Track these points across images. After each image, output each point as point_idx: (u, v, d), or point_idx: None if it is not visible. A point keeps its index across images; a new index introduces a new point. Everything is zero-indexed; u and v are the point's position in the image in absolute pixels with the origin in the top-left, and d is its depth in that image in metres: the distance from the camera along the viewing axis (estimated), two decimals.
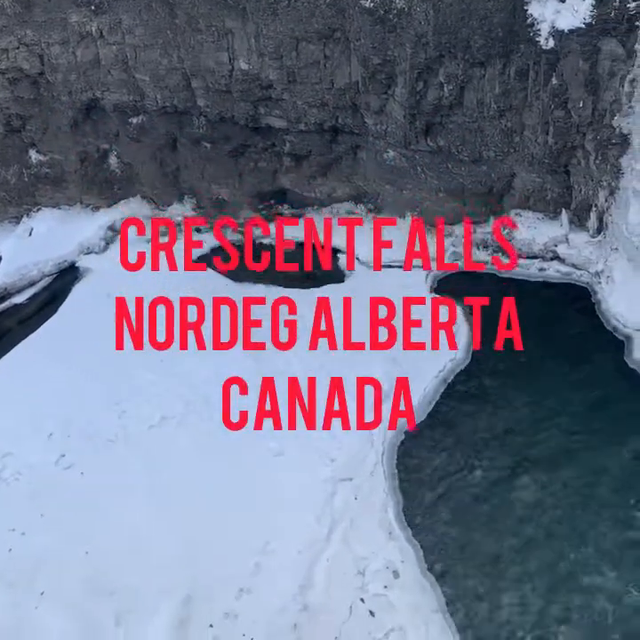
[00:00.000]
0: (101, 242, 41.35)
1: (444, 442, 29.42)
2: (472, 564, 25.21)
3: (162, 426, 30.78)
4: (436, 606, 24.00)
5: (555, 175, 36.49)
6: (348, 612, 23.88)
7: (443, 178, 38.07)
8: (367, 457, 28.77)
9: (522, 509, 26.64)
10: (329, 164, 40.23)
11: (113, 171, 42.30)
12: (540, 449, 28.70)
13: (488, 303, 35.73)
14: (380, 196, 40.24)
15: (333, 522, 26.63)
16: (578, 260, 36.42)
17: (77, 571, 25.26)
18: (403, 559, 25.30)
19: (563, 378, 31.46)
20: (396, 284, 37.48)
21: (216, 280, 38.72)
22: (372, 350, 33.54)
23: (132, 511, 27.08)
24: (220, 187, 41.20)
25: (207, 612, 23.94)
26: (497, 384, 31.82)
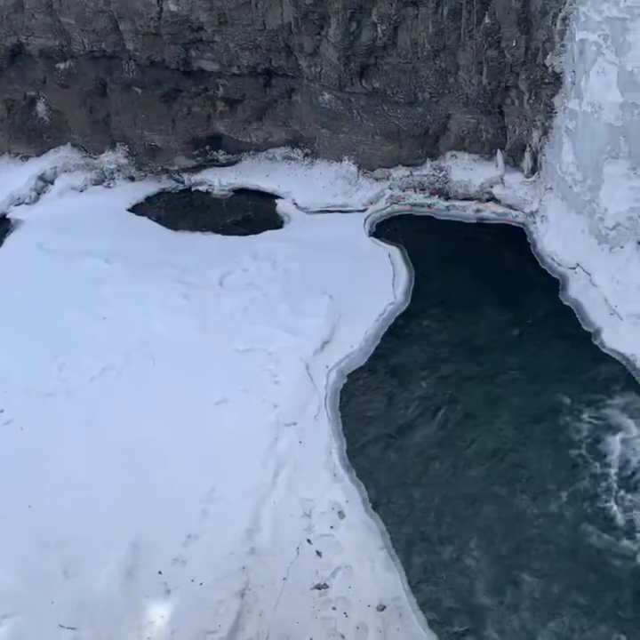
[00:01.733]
0: (32, 192, 40.35)
1: (387, 384, 29.78)
2: (416, 501, 25.70)
3: (102, 377, 30.44)
4: (381, 544, 24.45)
5: (489, 116, 36.63)
6: (295, 553, 24.20)
7: (378, 120, 37.92)
8: (310, 401, 28.96)
9: (464, 446, 27.16)
10: (264, 109, 39.71)
11: (41, 118, 41.14)
12: (476, 384, 29.27)
13: (425, 246, 36.20)
14: (317, 140, 39.96)
15: (278, 466, 26.82)
16: (513, 200, 36.79)
17: (22, 525, 25.07)
18: (347, 500, 25.65)
19: (499, 315, 31.99)
20: (335, 229, 37.56)
21: (152, 228, 38.24)
22: (311, 294, 33.61)
23: (74, 463, 26.90)
24: (152, 133, 40.41)
25: (155, 559, 24.01)
26: (436, 325, 32.23)
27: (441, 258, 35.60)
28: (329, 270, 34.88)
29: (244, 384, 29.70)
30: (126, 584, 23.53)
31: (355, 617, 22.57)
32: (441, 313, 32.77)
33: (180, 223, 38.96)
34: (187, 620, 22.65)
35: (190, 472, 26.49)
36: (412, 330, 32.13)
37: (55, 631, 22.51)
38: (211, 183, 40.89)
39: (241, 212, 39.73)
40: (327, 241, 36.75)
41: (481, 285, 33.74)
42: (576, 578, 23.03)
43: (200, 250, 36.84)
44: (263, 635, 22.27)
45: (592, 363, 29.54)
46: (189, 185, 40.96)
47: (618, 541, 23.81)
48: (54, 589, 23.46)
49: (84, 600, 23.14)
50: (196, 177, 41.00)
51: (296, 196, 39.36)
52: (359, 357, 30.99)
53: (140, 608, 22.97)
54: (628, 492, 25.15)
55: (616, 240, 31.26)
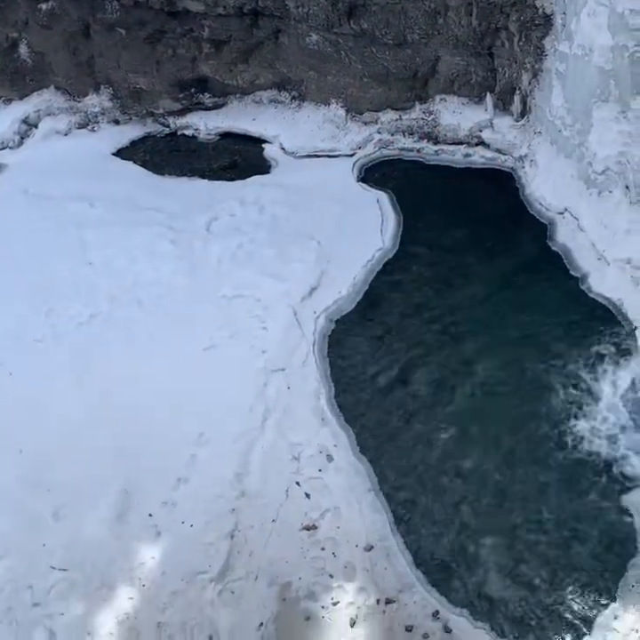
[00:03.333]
0: (16, 136, 39.75)
1: (375, 329, 29.84)
2: (403, 444, 26.03)
3: (90, 323, 30.41)
4: (369, 486, 24.83)
5: (479, 58, 36.12)
6: (284, 495, 24.54)
7: (367, 62, 37.32)
8: (298, 347, 29.06)
9: (450, 389, 27.42)
10: (250, 50, 38.94)
11: (24, 60, 40.30)
12: (464, 328, 29.44)
13: (414, 190, 35.99)
14: (304, 83, 39.34)
15: (267, 411, 27.04)
16: (502, 144, 36.50)
17: (12, 469, 25.31)
18: (336, 443, 25.94)
19: (487, 260, 31.94)
20: (323, 174, 37.23)
21: (137, 173, 37.82)
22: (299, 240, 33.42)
23: (63, 408, 27.06)
24: (137, 75, 39.64)
25: (145, 502, 24.32)
26: (424, 271, 32.17)
27: (429, 203, 35.40)
28: (317, 216, 34.70)
29: (232, 330, 29.74)
30: (117, 527, 23.87)
31: (343, 557, 23.03)
32: (429, 258, 32.70)
33: (165, 168, 38.53)
34: (177, 561, 23.05)
35: (179, 417, 26.68)
36: (400, 275, 32.10)
37: (46, 572, 22.92)
38: (197, 127, 40.33)
39: (228, 157, 39.25)
40: (315, 186, 36.46)
41: (469, 230, 33.62)
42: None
43: (186, 195, 36.51)
44: (253, 574, 22.70)
45: (578, 307, 29.65)
46: (175, 129, 40.39)
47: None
48: (45, 532, 23.79)
49: (74, 542, 23.50)
50: (182, 121, 40.42)
51: (283, 141, 38.91)
52: (347, 303, 31.00)
53: (130, 550, 23.36)
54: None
55: (604, 185, 31.11)
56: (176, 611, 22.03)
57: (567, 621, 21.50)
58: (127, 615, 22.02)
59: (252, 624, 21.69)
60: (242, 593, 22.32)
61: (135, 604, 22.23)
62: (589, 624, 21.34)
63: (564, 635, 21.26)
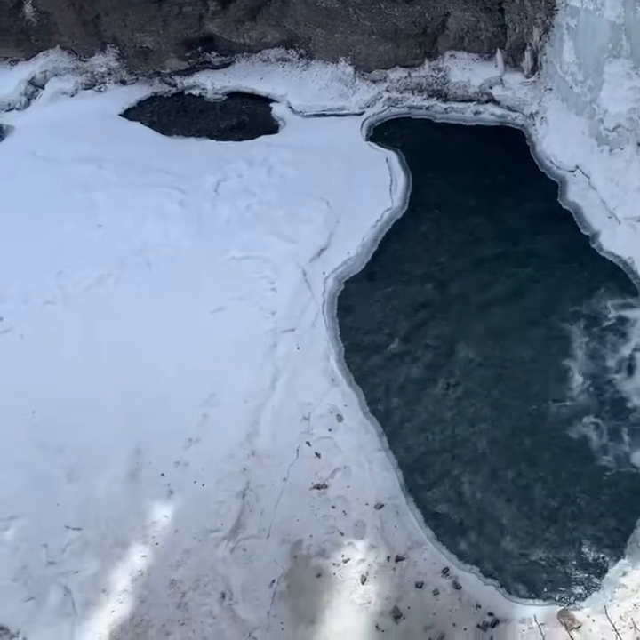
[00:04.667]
0: (22, 97, 39.47)
1: (384, 290, 29.79)
2: (412, 403, 26.13)
3: (99, 285, 30.43)
4: (379, 445, 24.97)
5: (489, 13, 35.54)
6: (294, 454, 24.70)
7: (375, 19, 36.76)
8: (308, 308, 29.07)
9: (462, 348, 27.47)
10: (257, 7, 38.40)
11: (29, 20, 39.79)
12: (474, 288, 29.41)
13: (423, 149, 35.68)
14: (312, 41, 38.85)
15: (277, 371, 27.12)
16: (512, 101, 36.09)
17: (25, 431, 25.55)
18: (346, 403, 26.06)
19: (497, 219, 31.79)
20: (332, 134, 36.91)
21: (144, 134, 37.59)
22: (307, 200, 33.24)
23: (74, 369, 27.21)
24: (143, 34, 39.19)
25: (157, 462, 24.57)
26: (434, 230, 32.03)
27: (439, 161, 35.11)
28: (325, 176, 34.46)
29: (240, 291, 29.74)
30: (130, 486, 24.13)
31: (353, 515, 23.24)
32: (439, 218, 32.54)
33: (173, 128, 38.29)
34: (190, 519, 23.32)
35: (189, 378, 26.82)
36: (409, 235, 31.95)
37: (61, 531, 23.21)
38: (204, 86, 40.00)
39: (235, 117, 38.97)
40: (323, 146, 36.18)
41: (479, 189, 33.40)
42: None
43: (195, 155, 36.29)
44: (264, 532, 22.96)
45: (589, 265, 29.54)
46: (182, 89, 40.06)
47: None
48: (59, 492, 24.07)
49: (88, 501, 23.79)
50: (189, 80, 40.07)
51: (291, 100, 38.55)
52: (356, 264, 30.92)
53: (143, 508, 23.62)
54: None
55: (616, 142, 30.74)
56: (189, 568, 22.35)
57: (576, 577, 21.73)
58: (141, 572, 22.34)
59: (264, 581, 21.98)
60: (254, 550, 22.60)
61: (149, 561, 22.55)
62: (598, 580, 21.58)
63: (574, 590, 21.49)
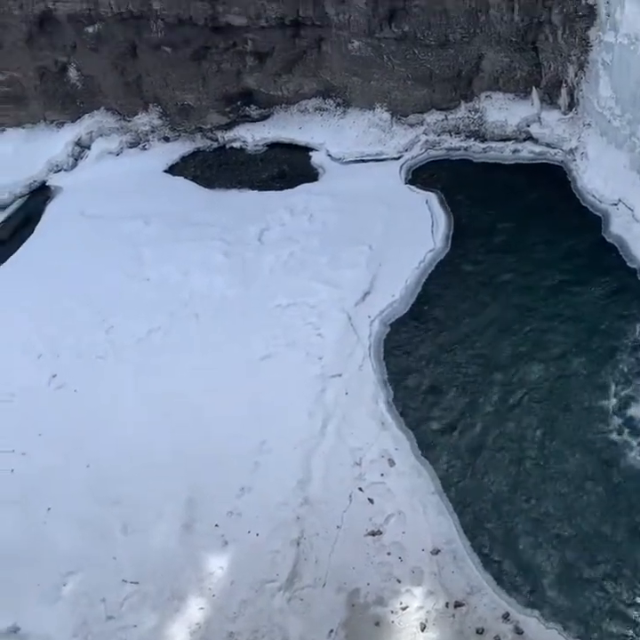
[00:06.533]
0: (70, 158, 40.57)
1: (430, 332, 29.81)
2: (464, 445, 25.94)
3: (149, 338, 30.92)
4: (432, 488, 24.77)
5: (523, 53, 35.88)
6: (347, 501, 24.59)
7: (410, 65, 37.33)
8: (354, 352, 29.16)
9: (508, 393, 27.26)
10: (293, 60, 39.28)
11: (74, 84, 41.09)
12: (521, 329, 29.26)
13: (463, 189, 35.85)
14: (348, 89, 39.50)
15: (326, 417, 27.16)
16: (551, 138, 36.19)
17: (81, 484, 25.83)
18: (397, 447, 25.96)
19: (542, 255, 31.74)
20: (371, 179, 37.30)
21: (188, 188, 38.38)
22: (350, 245, 33.55)
23: (127, 422, 27.57)
24: (184, 92, 40.25)
25: (211, 512, 24.64)
26: (478, 270, 32.05)
27: (480, 201, 35.25)
28: (366, 220, 34.79)
29: (287, 338, 29.98)
30: (184, 537, 24.21)
31: (409, 561, 23.01)
32: (482, 257, 32.58)
33: (216, 181, 39.00)
34: (245, 570, 23.29)
35: (240, 426, 26.98)
36: (453, 276, 32.01)
37: (118, 585, 23.31)
38: (244, 139, 40.76)
39: (276, 167, 39.58)
40: (363, 191, 36.53)
41: (522, 226, 33.43)
42: None
43: (237, 207, 36.91)
44: (320, 581, 22.81)
45: (636, 298, 29.21)
46: (223, 142, 40.86)
47: None
48: (115, 545, 24.22)
49: (144, 554, 23.91)
50: (230, 134, 40.88)
51: (330, 147, 39.09)
52: (401, 306, 31.02)
53: (199, 560, 23.68)
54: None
55: None
56: (246, 619, 22.25)
57: (638, 622, 21.16)
58: (199, 625, 22.30)
59: (322, 631, 21.79)
60: (310, 600, 22.44)
61: (206, 613, 22.50)
62: None
63: (636, 635, 20.91)
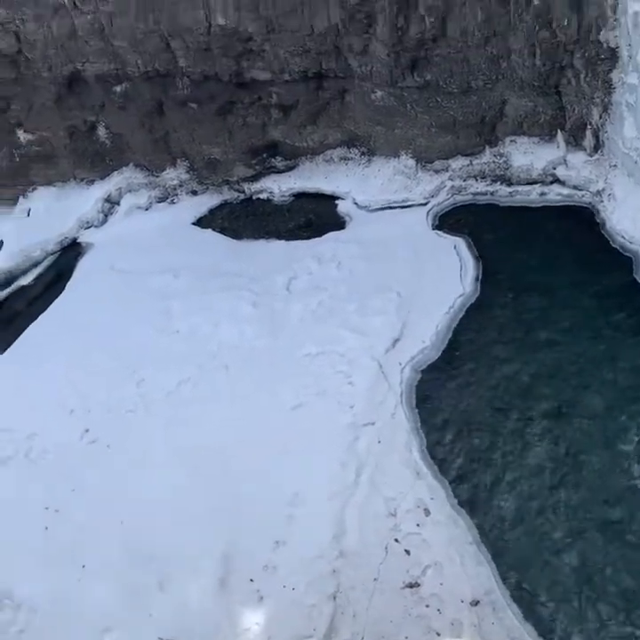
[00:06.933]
0: (100, 215, 41.27)
1: (462, 378, 29.55)
2: (501, 492, 25.53)
3: (179, 390, 30.97)
4: (470, 538, 24.33)
5: (546, 97, 36.06)
6: (383, 553, 24.22)
7: (433, 112, 37.67)
8: (386, 400, 28.95)
9: (542, 439, 26.91)
10: (318, 112, 39.81)
11: (103, 142, 41.92)
12: (553, 376, 28.84)
13: (491, 234, 35.85)
14: (372, 138, 39.88)
15: (359, 466, 26.88)
16: (578, 180, 36.14)
17: (115, 541, 25.67)
18: (432, 496, 25.58)
19: (572, 299, 31.44)
20: (398, 225, 37.43)
21: (216, 240, 38.76)
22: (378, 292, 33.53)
23: (159, 477, 27.43)
24: (211, 146, 40.85)
25: (246, 566, 24.36)
26: (509, 314, 31.83)
27: (508, 244, 35.18)
28: (394, 266, 34.83)
29: (318, 387, 29.87)
30: (220, 593, 23.91)
31: (448, 613, 22.53)
32: (512, 300, 32.39)
33: (243, 232, 39.40)
34: (282, 625, 22.91)
35: (273, 478, 26.78)
36: (484, 320, 31.82)
37: None
38: (271, 190, 41.20)
39: (302, 216, 39.93)
40: (391, 237, 36.66)
41: (551, 269, 33.23)
42: None
43: (265, 257, 37.18)
44: (358, 636, 22.38)
45: None
46: (250, 194, 41.35)
47: None
48: (151, 602, 23.97)
49: (180, 611, 23.60)
50: (256, 185, 41.36)
51: (356, 196, 39.37)
52: (432, 352, 30.83)
53: (235, 616, 23.34)
54: None
55: None
56: None
57: None
58: None
59: None
60: None
61: None
62: None
63: None
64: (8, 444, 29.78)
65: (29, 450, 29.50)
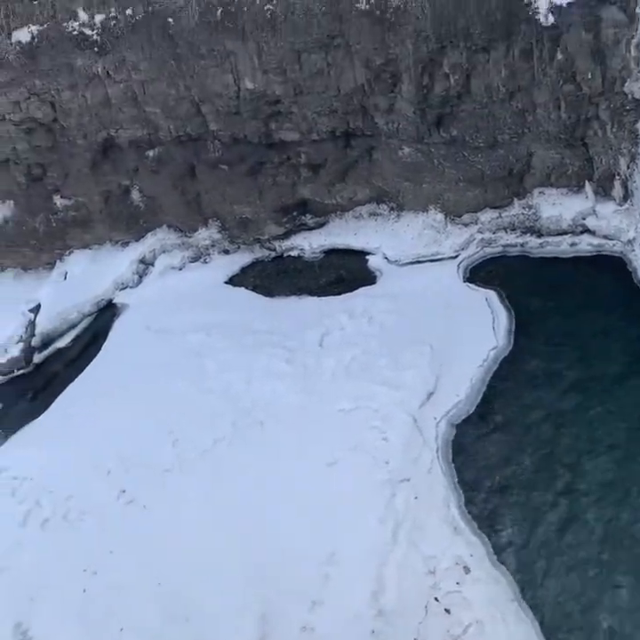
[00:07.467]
0: (135, 276, 41.94)
1: (497, 432, 29.32)
2: (540, 548, 25.12)
3: (215, 448, 31.06)
4: (511, 595, 23.93)
5: (573, 149, 36.23)
6: (423, 612, 23.87)
7: (460, 167, 37.98)
8: (422, 455, 28.76)
9: (579, 493, 26.54)
10: (346, 169, 40.33)
11: (137, 205, 42.77)
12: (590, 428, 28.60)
13: (523, 285, 35.79)
14: (401, 194, 40.24)
15: (397, 524, 26.62)
16: (608, 230, 36.08)
17: (152, 602, 25.61)
18: (471, 553, 25.24)
19: (605, 350, 31.19)
20: (429, 279, 37.54)
21: (249, 298, 39.19)
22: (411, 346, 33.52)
23: (195, 537, 27.40)
24: (242, 206, 41.49)
25: (284, 628, 24.13)
26: (543, 366, 31.60)
27: (540, 296, 35.05)
28: (426, 320, 34.81)
29: (353, 443, 29.75)
30: None
31: None
32: (546, 352, 32.16)
33: (275, 289, 39.72)
34: None
35: (309, 536, 26.61)
36: (518, 373, 31.61)
37: None
38: (302, 247, 41.63)
39: (333, 272, 40.20)
40: (422, 291, 36.73)
41: (585, 320, 33.01)
42: None
43: (297, 313, 37.39)
44: None
45: None
46: (281, 252, 41.80)
47: None
48: None
49: None
50: (287, 243, 41.83)
51: (386, 251, 39.62)
52: (467, 406, 30.66)
53: None
54: None
55: None
56: None
57: None
58: None
59: None
60: None
61: None
62: None
63: None
64: (47, 506, 30.06)
65: (67, 511, 29.70)
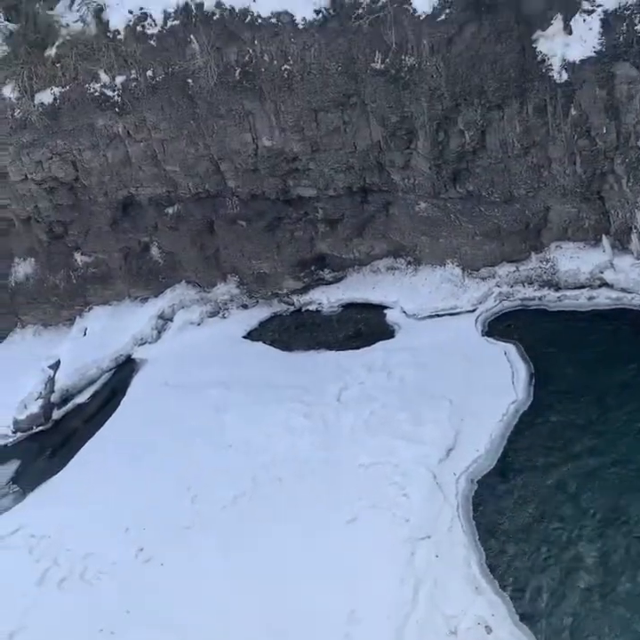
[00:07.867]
0: (153, 331, 42.14)
1: (519, 487, 28.98)
2: (563, 607, 24.71)
3: (234, 505, 30.86)
4: None
5: (589, 203, 36.36)
6: None
7: (477, 221, 38.20)
8: (442, 513, 28.41)
9: (607, 548, 26.08)
10: (363, 224, 40.65)
11: (156, 261, 43.20)
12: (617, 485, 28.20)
13: (541, 339, 35.70)
14: (418, 248, 40.48)
15: (417, 582, 26.22)
16: (626, 283, 36.04)
17: None
18: (493, 613, 24.79)
19: (629, 406, 30.89)
20: (447, 332, 37.52)
21: (267, 352, 39.28)
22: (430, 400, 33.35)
23: (214, 595, 27.05)
24: (260, 261, 41.79)
25: None
26: (563, 420, 31.35)
27: (559, 349, 34.89)
28: (445, 374, 34.68)
29: (372, 500, 29.47)
30: None
31: None
32: (566, 406, 31.92)
33: (293, 344, 39.82)
34: None
35: (328, 595, 26.21)
36: (538, 427, 31.36)
37: None
38: (320, 302, 41.79)
39: (351, 326, 40.27)
40: (440, 344, 36.69)
41: (605, 372, 32.82)
42: None
43: (315, 368, 37.41)
44: None
45: None
46: (299, 306, 42.00)
47: None
48: None
49: None
50: (305, 297, 42.05)
51: (404, 305, 39.69)
52: (487, 461, 30.36)
53: None
54: None
55: None
56: None
57: None
58: None
59: None
60: None
61: None
62: None
63: None
64: (64, 564, 29.90)
65: (84, 570, 29.44)
